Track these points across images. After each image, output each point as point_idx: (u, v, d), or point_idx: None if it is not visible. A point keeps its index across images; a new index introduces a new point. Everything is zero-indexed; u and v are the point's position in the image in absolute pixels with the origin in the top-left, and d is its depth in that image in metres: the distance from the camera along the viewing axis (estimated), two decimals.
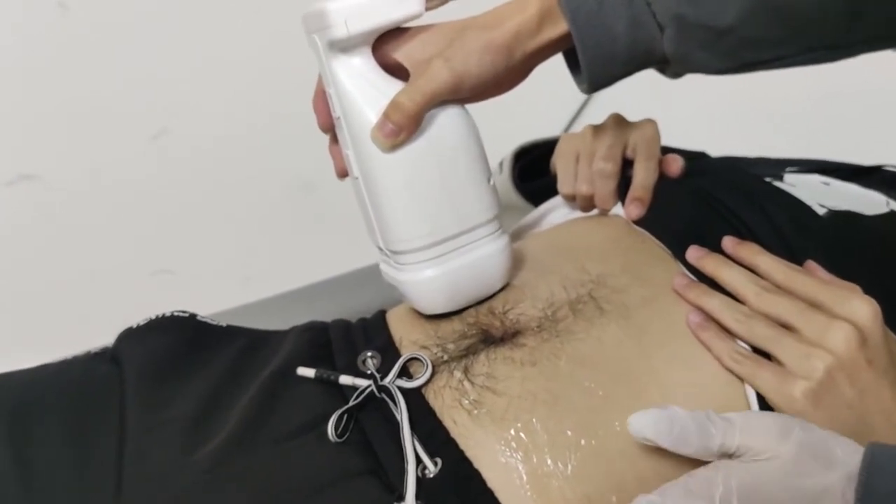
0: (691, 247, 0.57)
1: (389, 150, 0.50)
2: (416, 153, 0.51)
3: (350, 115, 0.52)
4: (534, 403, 0.50)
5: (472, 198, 0.53)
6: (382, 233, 0.55)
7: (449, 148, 0.52)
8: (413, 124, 0.50)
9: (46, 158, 1.32)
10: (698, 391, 0.51)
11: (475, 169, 0.53)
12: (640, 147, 0.66)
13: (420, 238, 0.53)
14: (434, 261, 0.54)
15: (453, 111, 0.52)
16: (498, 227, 0.56)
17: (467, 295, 0.56)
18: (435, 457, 0.49)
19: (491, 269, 0.56)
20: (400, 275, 0.55)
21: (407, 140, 0.50)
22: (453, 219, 0.53)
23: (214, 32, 1.32)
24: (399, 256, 0.55)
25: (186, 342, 0.60)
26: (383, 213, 0.53)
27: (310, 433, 0.51)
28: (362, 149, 0.52)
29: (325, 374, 0.55)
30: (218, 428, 0.53)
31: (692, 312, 0.53)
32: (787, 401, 0.48)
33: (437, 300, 0.55)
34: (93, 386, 0.58)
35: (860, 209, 0.63)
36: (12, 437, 0.53)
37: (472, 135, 0.53)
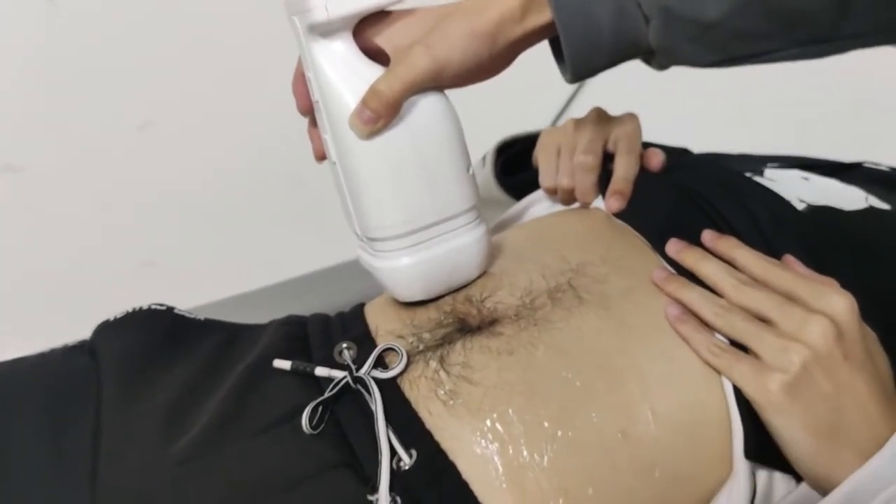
0: (671, 240, 0.57)
1: (367, 138, 0.50)
2: (395, 141, 0.50)
3: (329, 100, 0.51)
4: (510, 394, 0.50)
5: (450, 187, 0.53)
6: (359, 220, 0.54)
7: (428, 136, 0.51)
8: (391, 112, 0.50)
9: (31, 150, 1.31)
10: (676, 383, 0.51)
11: (455, 158, 0.53)
12: (621, 141, 0.66)
13: (397, 226, 0.53)
14: (411, 249, 0.54)
15: (434, 99, 0.52)
16: (476, 216, 0.56)
17: (443, 283, 0.56)
18: (410, 448, 0.49)
19: (468, 258, 0.55)
20: (376, 262, 0.55)
21: (385, 127, 0.50)
22: (431, 207, 0.53)
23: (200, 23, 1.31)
24: (376, 244, 0.54)
25: (163, 335, 0.60)
26: (360, 201, 0.53)
27: (285, 426, 0.51)
28: (340, 134, 0.51)
29: (301, 365, 0.54)
30: (193, 421, 0.52)
31: (671, 305, 0.53)
32: (763, 394, 0.48)
33: (414, 288, 0.55)
34: (69, 379, 0.57)
35: (839, 204, 0.63)
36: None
37: (453, 123, 0.53)
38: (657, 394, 0.51)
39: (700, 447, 0.50)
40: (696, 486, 0.50)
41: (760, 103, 1.48)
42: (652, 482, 0.49)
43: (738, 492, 0.48)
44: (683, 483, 0.50)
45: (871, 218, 0.63)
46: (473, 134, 0.56)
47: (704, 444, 0.50)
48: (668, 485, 0.50)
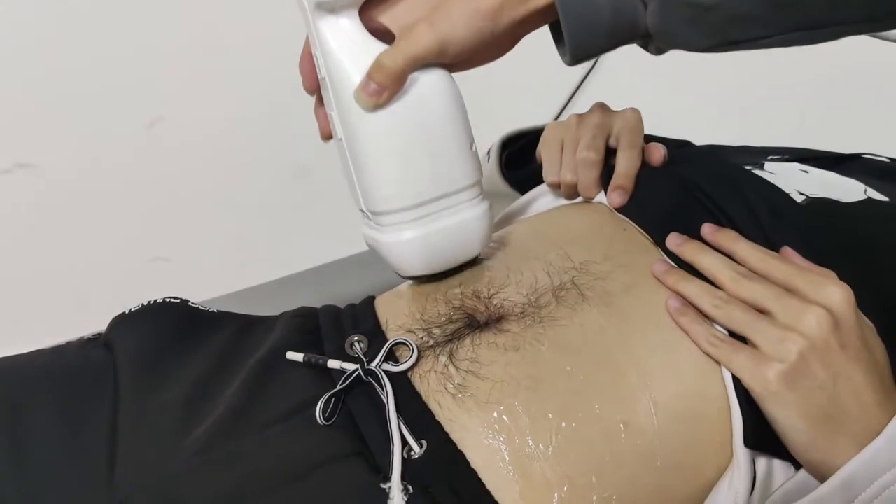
0: (671, 234, 0.58)
1: (372, 110, 0.51)
2: (399, 114, 0.51)
3: (335, 76, 0.52)
4: (516, 388, 0.52)
5: (453, 161, 0.54)
6: (364, 194, 0.55)
7: (431, 110, 0.52)
8: (395, 84, 0.51)
9: (42, 147, 1.33)
10: (676, 375, 0.53)
11: (457, 133, 0.53)
12: (623, 135, 0.67)
13: (400, 199, 0.53)
14: (414, 223, 0.54)
15: (438, 75, 0.53)
16: (479, 192, 0.57)
17: (446, 258, 0.57)
18: (420, 439, 0.50)
19: (470, 233, 0.56)
20: (380, 236, 0.56)
21: (389, 101, 0.51)
22: (434, 181, 0.53)
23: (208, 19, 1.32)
24: (379, 217, 0.55)
25: (178, 328, 0.61)
26: (365, 174, 0.54)
27: (298, 416, 0.53)
28: (346, 109, 0.52)
29: (314, 358, 0.56)
30: (208, 412, 0.54)
31: (671, 297, 0.55)
32: (762, 383, 0.49)
33: (416, 262, 0.56)
34: (86, 371, 0.59)
35: (838, 196, 0.64)
36: (6, 422, 0.55)
37: (456, 100, 0.54)
38: (658, 385, 0.52)
39: (700, 436, 0.52)
40: (696, 474, 0.52)
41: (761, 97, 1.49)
42: (654, 470, 0.51)
43: (739, 479, 0.50)
44: (684, 471, 0.52)
45: (870, 209, 0.64)
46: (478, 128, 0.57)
47: (705, 433, 0.52)
48: (669, 473, 0.51)
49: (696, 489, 0.52)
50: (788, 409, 0.49)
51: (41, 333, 1.25)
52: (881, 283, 0.57)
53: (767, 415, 0.50)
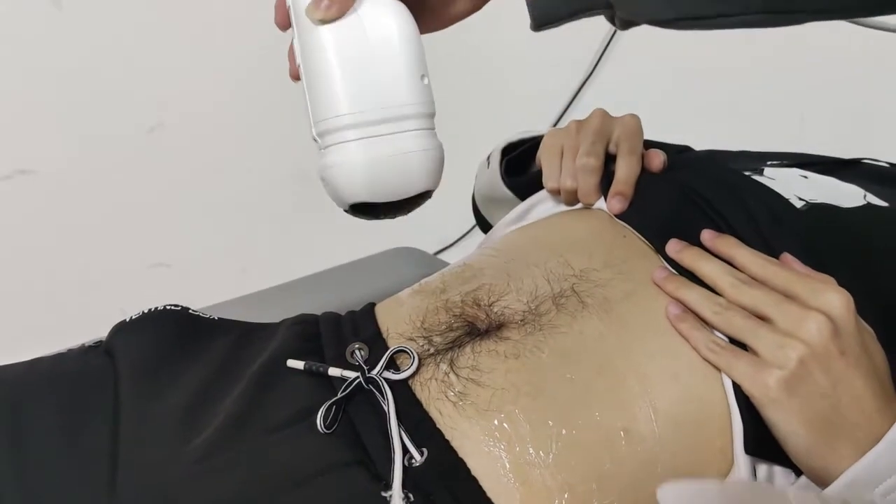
0: (671, 240, 0.58)
1: (320, 24, 0.52)
2: (348, 30, 0.53)
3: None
4: (517, 395, 0.52)
5: (400, 86, 0.54)
6: (314, 113, 0.55)
7: (381, 32, 0.53)
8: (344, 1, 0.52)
9: (42, 153, 1.33)
10: (676, 382, 0.53)
11: (406, 58, 0.54)
12: (623, 142, 0.67)
13: (345, 114, 0.53)
14: (359, 142, 0.54)
15: (392, 4, 0.54)
16: (429, 125, 0.56)
17: (390, 185, 0.55)
18: (421, 447, 0.50)
19: (416, 162, 0.55)
20: (327, 158, 0.55)
21: (339, 15, 0.52)
22: (380, 101, 0.53)
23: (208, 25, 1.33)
24: (327, 137, 0.55)
25: (178, 335, 0.61)
26: (315, 91, 0.54)
27: (299, 424, 0.53)
28: (301, 28, 0.54)
29: (314, 365, 0.56)
30: (209, 420, 0.54)
31: (671, 304, 0.55)
32: (762, 390, 0.49)
33: (357, 184, 0.54)
34: (87, 378, 0.59)
35: (838, 202, 0.64)
36: (6, 424, 0.55)
37: (408, 27, 0.54)
38: (658, 391, 0.52)
39: (701, 442, 0.52)
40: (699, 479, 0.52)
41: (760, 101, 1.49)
42: (654, 477, 0.51)
43: None
44: (685, 477, 0.52)
45: (869, 215, 0.64)
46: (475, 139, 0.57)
47: (705, 439, 0.52)
48: (669, 479, 0.51)
49: None
50: (789, 416, 0.49)
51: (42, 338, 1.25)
52: (880, 289, 0.57)
53: (768, 421, 0.50)
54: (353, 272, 1.06)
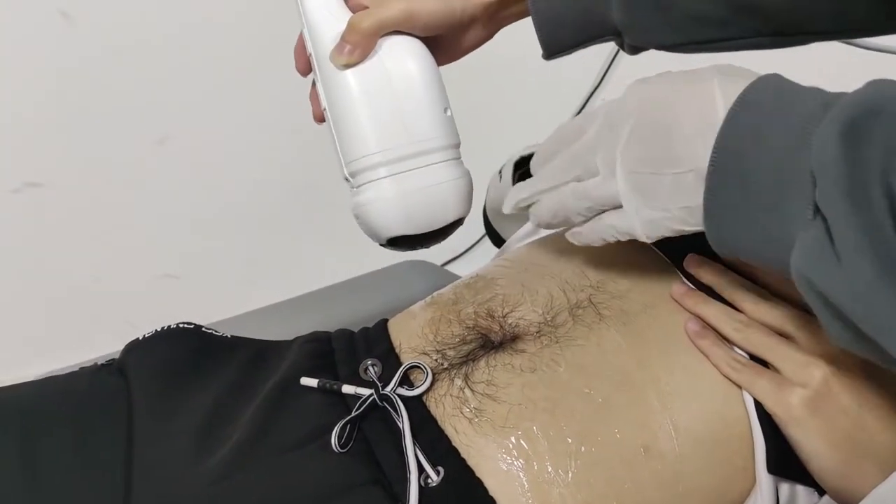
0: (689, 255, 0.57)
1: (345, 68, 0.54)
2: (371, 72, 0.55)
3: (317, 45, 0.56)
4: (534, 411, 0.51)
5: (425, 120, 0.56)
6: (344, 155, 0.57)
7: (402, 71, 0.55)
8: (367, 43, 0.53)
9: (51, 166, 1.33)
10: (696, 398, 0.52)
11: (429, 95, 0.56)
12: None
13: (376, 153, 0.55)
14: (391, 178, 0.55)
15: (410, 40, 0.56)
16: (456, 155, 0.58)
17: (424, 217, 0.57)
18: (437, 465, 0.49)
19: (447, 193, 0.57)
20: (360, 197, 0.57)
21: (361, 59, 0.54)
22: (407, 137, 0.55)
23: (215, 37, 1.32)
24: (359, 177, 0.56)
25: (192, 353, 0.61)
26: (343, 133, 0.56)
27: (313, 443, 0.52)
28: (326, 74, 0.56)
29: (328, 383, 0.55)
30: (224, 439, 0.54)
31: (690, 320, 0.54)
32: (785, 409, 0.48)
33: (394, 219, 0.56)
34: (100, 397, 0.59)
35: None
36: (22, 448, 0.54)
37: (427, 64, 0.56)
38: (678, 408, 0.51)
39: (722, 461, 0.51)
40: (718, 500, 0.51)
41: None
42: (675, 496, 0.50)
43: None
44: (706, 497, 0.51)
45: None
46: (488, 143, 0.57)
47: (727, 457, 0.51)
48: (691, 499, 0.50)
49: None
50: (812, 435, 0.48)
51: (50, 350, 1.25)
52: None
53: (791, 440, 0.49)
54: (363, 286, 1.05)
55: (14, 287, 1.32)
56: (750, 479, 0.51)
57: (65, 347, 1.32)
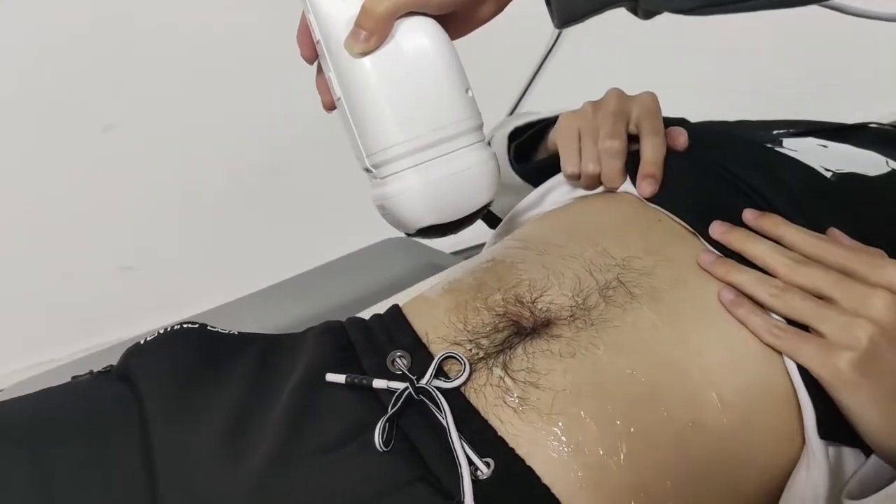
0: (714, 222, 0.56)
1: (361, 56, 0.51)
2: (389, 58, 0.52)
3: (327, 32, 0.53)
4: (579, 396, 0.50)
5: (448, 104, 0.54)
6: (365, 146, 0.55)
7: (421, 54, 0.53)
8: (383, 28, 0.50)
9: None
10: (739, 369, 0.51)
11: (450, 77, 0.54)
12: (645, 122, 0.65)
13: (399, 143, 0.53)
14: (417, 168, 0.53)
15: (425, 21, 0.53)
16: (481, 138, 0.56)
17: (454, 204, 0.55)
18: (485, 457, 0.48)
19: (476, 177, 0.55)
20: (385, 189, 0.55)
21: (378, 45, 0.51)
22: (431, 123, 0.53)
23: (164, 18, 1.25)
24: (382, 168, 0.54)
25: (201, 354, 0.58)
26: (363, 123, 0.54)
27: (353, 443, 0.50)
28: (340, 62, 0.53)
29: (357, 378, 0.53)
30: (254, 442, 0.51)
31: (724, 289, 0.53)
32: (833, 372, 0.48)
33: (424, 209, 0.54)
34: (107, 407, 0.56)
35: (863, 170, 0.64)
36: (31, 472, 0.51)
37: (445, 45, 0.54)
38: (721, 380, 0.51)
39: (770, 430, 0.51)
40: (768, 468, 0.51)
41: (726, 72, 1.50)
42: (725, 468, 0.50)
43: (817, 470, 0.49)
44: (755, 466, 0.51)
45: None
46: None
47: (774, 426, 0.51)
48: (741, 469, 0.50)
49: (768, 483, 0.51)
50: (862, 397, 0.48)
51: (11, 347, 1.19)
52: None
53: (839, 403, 0.49)
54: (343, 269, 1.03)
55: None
56: (797, 446, 0.51)
57: (24, 344, 1.27)
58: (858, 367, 0.48)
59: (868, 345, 0.48)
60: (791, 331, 0.51)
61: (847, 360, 0.48)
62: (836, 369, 0.48)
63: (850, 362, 0.48)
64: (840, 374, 0.48)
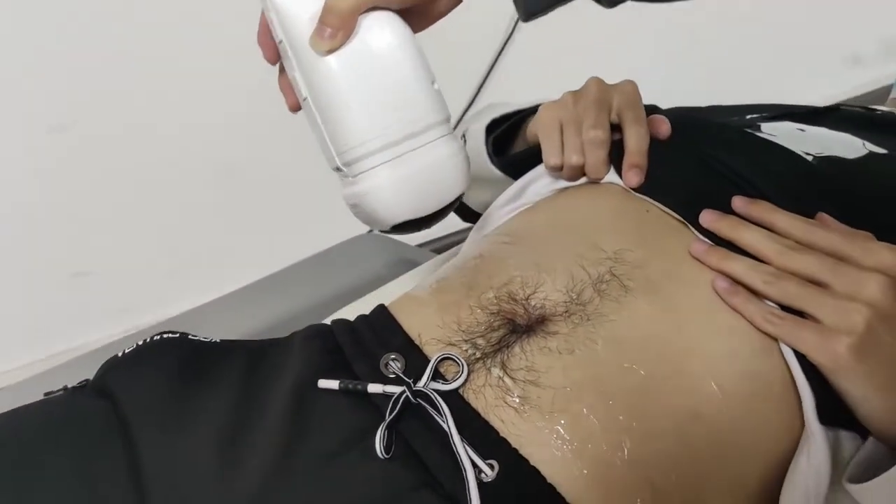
0: (705, 211, 0.56)
1: (327, 54, 0.51)
2: (355, 55, 0.52)
3: (290, 31, 0.52)
4: (580, 392, 0.49)
5: (416, 98, 0.54)
6: (334, 144, 0.54)
7: (387, 49, 0.52)
8: (348, 25, 0.50)
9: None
10: (737, 357, 0.51)
11: (416, 71, 0.53)
12: (626, 111, 0.64)
13: (370, 140, 0.53)
14: (389, 163, 0.53)
15: (388, 16, 0.53)
16: (450, 130, 0.56)
17: (428, 198, 0.55)
18: (488, 460, 0.47)
19: (448, 169, 0.55)
20: (357, 187, 0.54)
21: (344, 41, 0.51)
22: (401, 118, 0.53)
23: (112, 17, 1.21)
24: (354, 166, 0.54)
25: (183, 366, 0.56)
26: (331, 121, 0.53)
27: (352, 451, 0.49)
28: (305, 61, 0.52)
29: (351, 384, 0.52)
30: (250, 453, 0.50)
31: (718, 278, 0.53)
32: (831, 358, 0.48)
33: (399, 204, 0.54)
34: (89, 427, 0.54)
35: (841, 153, 0.64)
36: (10, 491, 0.49)
37: (410, 39, 0.54)
38: (720, 369, 0.50)
39: (771, 417, 0.51)
40: (769, 457, 0.51)
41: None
42: (728, 459, 0.50)
43: (817, 455, 0.49)
44: (758, 455, 0.51)
45: (875, 163, 0.64)
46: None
47: (773, 413, 0.51)
48: (743, 459, 0.50)
49: (770, 472, 0.51)
50: (861, 381, 0.48)
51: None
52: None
53: (839, 388, 0.49)
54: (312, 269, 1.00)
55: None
56: (797, 431, 0.51)
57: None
58: (857, 352, 0.48)
59: (865, 329, 0.48)
60: (787, 317, 0.51)
61: (846, 345, 0.48)
62: (836, 354, 0.48)
63: (849, 347, 0.48)
64: (839, 359, 0.48)
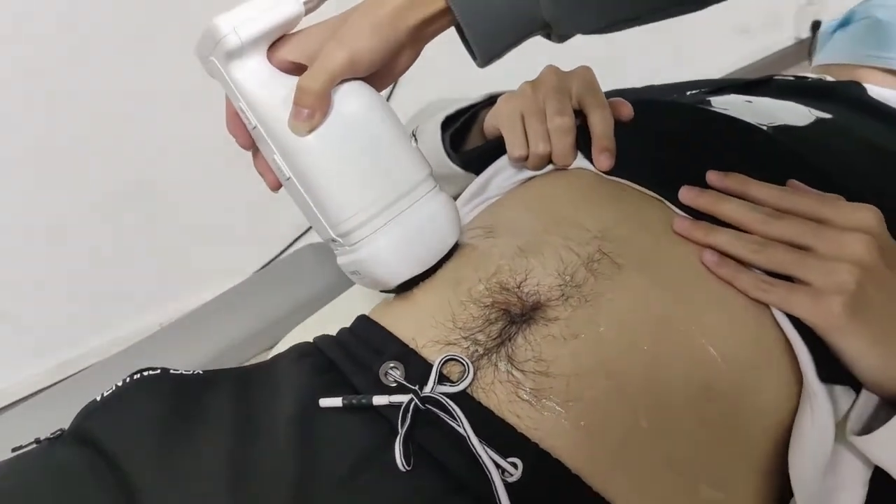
0: (683, 187, 0.57)
1: (308, 134, 0.52)
2: (335, 129, 0.53)
3: (264, 117, 0.53)
4: (592, 377, 0.49)
5: (399, 160, 0.55)
6: (328, 220, 0.55)
7: (363, 118, 0.54)
8: (323, 103, 0.52)
9: None
10: (732, 327, 0.52)
11: (393, 134, 0.55)
12: (587, 96, 0.65)
13: (363, 210, 0.54)
14: (384, 228, 0.55)
15: (356, 86, 0.54)
16: (434, 184, 0.58)
17: (426, 253, 0.57)
18: (510, 458, 0.46)
19: (442, 221, 0.57)
20: (356, 255, 0.56)
21: (322, 120, 0.52)
22: (389, 183, 0.55)
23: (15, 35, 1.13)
24: (350, 236, 0.55)
25: (171, 402, 0.53)
26: (322, 199, 0.54)
27: (372, 468, 0.47)
28: (285, 144, 0.53)
29: (355, 399, 0.50)
30: (262, 486, 0.47)
31: (705, 251, 0.54)
32: (826, 317, 0.49)
33: (400, 264, 0.56)
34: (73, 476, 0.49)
35: (792, 121, 0.66)
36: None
37: (380, 104, 0.55)
38: (720, 339, 0.51)
39: (772, 381, 0.52)
40: (775, 421, 0.52)
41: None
42: (740, 427, 0.50)
43: (821, 414, 0.50)
44: (764, 420, 0.51)
45: (824, 129, 0.66)
46: None
47: (774, 378, 0.52)
48: (753, 425, 0.51)
49: (778, 435, 0.52)
50: (855, 338, 0.50)
51: None
52: (868, 198, 0.59)
53: (834, 346, 0.51)
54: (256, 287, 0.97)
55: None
56: (795, 393, 0.52)
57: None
58: (850, 309, 0.49)
59: (856, 286, 0.49)
60: (778, 283, 0.52)
61: (839, 304, 0.49)
62: (830, 314, 0.49)
63: (843, 305, 0.49)
64: (834, 319, 0.49)
